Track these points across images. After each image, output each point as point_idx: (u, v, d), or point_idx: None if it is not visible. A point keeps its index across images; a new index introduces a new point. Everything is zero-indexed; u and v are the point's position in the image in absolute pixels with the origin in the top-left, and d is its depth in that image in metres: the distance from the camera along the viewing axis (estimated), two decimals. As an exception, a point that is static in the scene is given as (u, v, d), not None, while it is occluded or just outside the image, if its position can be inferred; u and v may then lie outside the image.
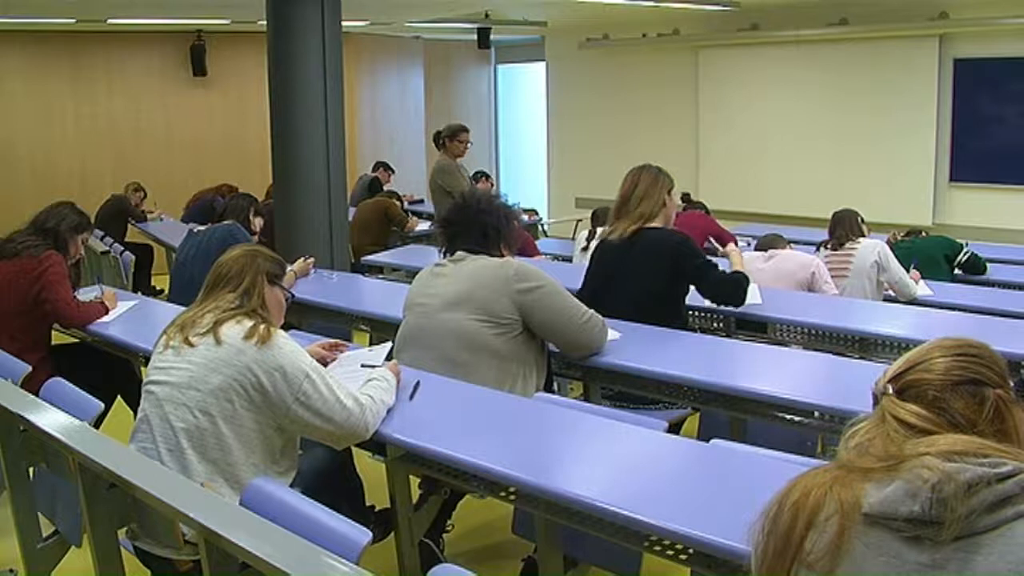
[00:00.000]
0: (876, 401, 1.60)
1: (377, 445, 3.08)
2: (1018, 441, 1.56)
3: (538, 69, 14.02)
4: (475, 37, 13.19)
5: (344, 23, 6.86)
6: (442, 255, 3.80)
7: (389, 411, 3.05)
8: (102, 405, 3.27)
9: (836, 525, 1.46)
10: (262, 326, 2.87)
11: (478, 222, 3.71)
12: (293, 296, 3.32)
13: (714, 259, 4.48)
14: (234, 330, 2.85)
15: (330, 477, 3.19)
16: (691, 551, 2.35)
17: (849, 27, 10.54)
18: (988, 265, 6.54)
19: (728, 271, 4.46)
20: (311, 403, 2.83)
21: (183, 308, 3.15)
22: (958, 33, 10.08)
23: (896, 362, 1.63)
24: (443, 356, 3.54)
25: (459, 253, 3.72)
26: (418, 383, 3.25)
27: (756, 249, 5.75)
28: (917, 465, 1.44)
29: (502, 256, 3.73)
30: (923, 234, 6.89)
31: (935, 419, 1.52)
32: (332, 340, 3.67)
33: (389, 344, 3.66)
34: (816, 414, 3.23)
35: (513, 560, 3.66)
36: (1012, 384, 1.61)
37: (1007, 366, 1.64)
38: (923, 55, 10.27)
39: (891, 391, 1.58)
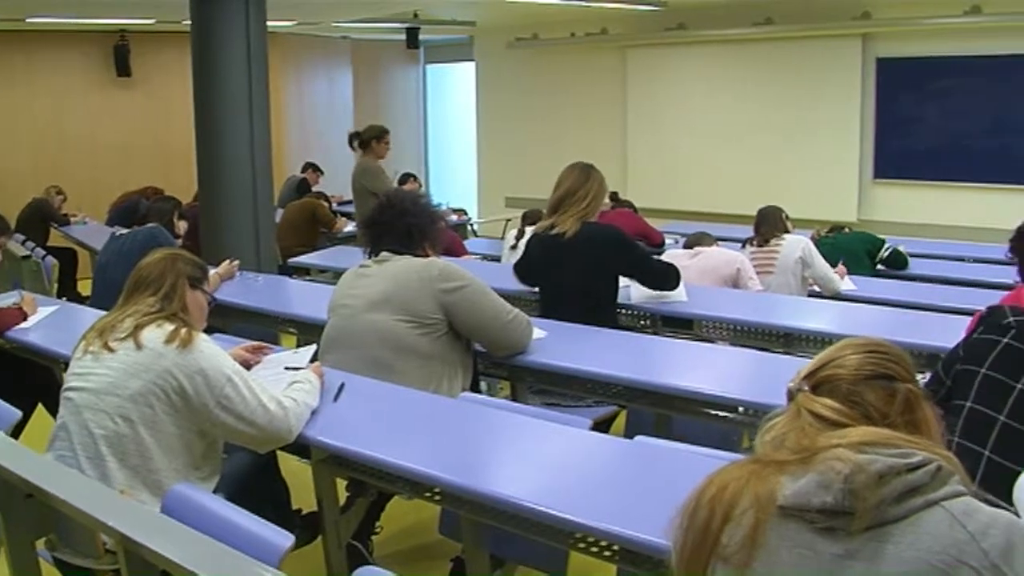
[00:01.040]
0: (791, 398, 1.62)
1: (301, 448, 3.05)
2: (928, 433, 1.59)
3: (467, 69, 14.00)
4: (404, 37, 13.14)
5: (270, 23, 6.79)
6: (366, 256, 3.78)
7: (313, 413, 3.03)
8: (20, 413, 3.20)
9: (752, 518, 1.48)
10: (183, 330, 2.83)
11: (402, 222, 3.70)
12: (215, 299, 3.28)
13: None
14: (155, 334, 2.81)
15: (254, 481, 3.16)
16: (616, 548, 2.35)
17: (774, 26, 10.66)
18: (910, 260, 6.66)
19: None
20: (233, 407, 2.79)
21: (105, 313, 3.09)
22: (881, 32, 10.25)
23: (811, 361, 1.66)
24: (368, 357, 3.52)
25: (383, 254, 3.70)
26: (343, 385, 3.22)
27: (684, 247, 5.80)
28: (830, 457, 1.46)
29: (426, 256, 3.72)
30: (846, 230, 7.00)
31: (849, 412, 1.55)
32: (256, 343, 3.63)
33: (314, 346, 3.63)
34: (740, 409, 3.26)
35: (442, 561, 3.65)
36: (920, 381, 1.66)
37: (926, 358, 1.68)
38: (847, 54, 10.43)
39: (806, 388, 1.60)
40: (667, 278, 4.53)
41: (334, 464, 3.08)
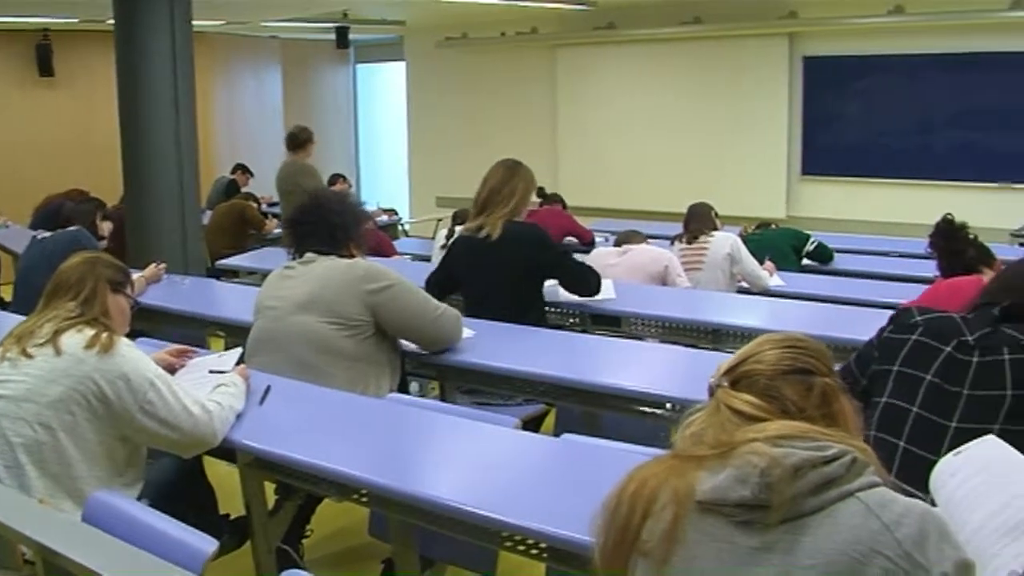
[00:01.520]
0: (712, 394, 1.64)
1: (227, 452, 3.02)
2: (846, 426, 1.62)
3: (398, 68, 13.96)
4: (334, 37, 13.07)
5: (197, 23, 6.71)
6: (291, 256, 3.75)
7: (239, 417, 2.99)
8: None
9: (671, 513, 1.49)
10: (104, 334, 2.78)
11: (326, 223, 3.67)
12: (138, 303, 3.23)
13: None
14: (75, 339, 2.75)
15: (179, 487, 3.12)
16: (544, 546, 2.35)
17: (703, 25, 10.77)
18: (835, 255, 6.76)
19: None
20: (156, 412, 2.75)
21: (24, 319, 3.03)
22: (807, 32, 10.41)
23: (730, 357, 1.68)
24: (294, 359, 3.49)
25: (308, 255, 3.67)
26: (268, 387, 3.19)
27: (614, 245, 5.83)
28: (747, 451, 1.48)
29: (352, 256, 3.69)
30: (773, 227, 7.09)
31: (766, 406, 1.57)
32: (180, 346, 3.58)
33: (239, 349, 3.58)
34: (668, 405, 3.28)
35: (374, 562, 3.63)
36: (837, 375, 1.68)
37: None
38: (774, 53, 10.57)
39: (725, 384, 1.62)
40: (587, 282, 4.50)
41: (261, 468, 3.06)
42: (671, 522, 1.48)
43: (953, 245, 4.00)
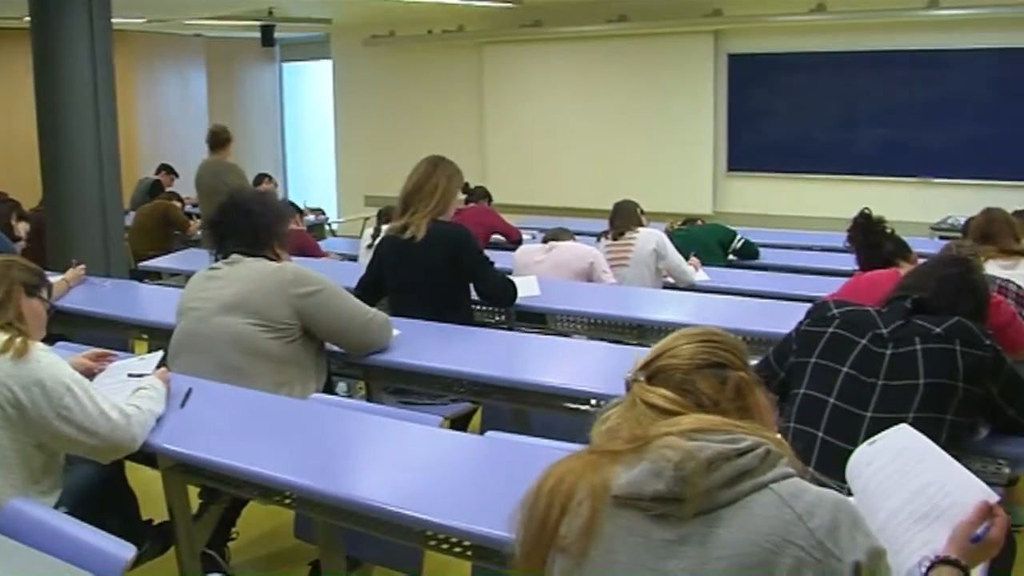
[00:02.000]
0: (628, 388, 1.65)
1: (148, 457, 2.98)
2: (760, 418, 1.63)
3: (324, 67, 13.86)
4: (259, 35, 12.92)
5: (117, 20, 6.61)
6: (214, 258, 3.69)
7: (159, 421, 2.95)
8: None
9: (588, 509, 1.49)
10: (18, 339, 2.73)
11: (247, 222, 3.61)
12: (54, 307, 3.17)
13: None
14: (-12, 345, 2.70)
15: (99, 493, 3.06)
16: (468, 544, 2.35)
17: (628, 23, 10.84)
18: (761, 250, 6.84)
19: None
20: (73, 417, 2.70)
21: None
22: (731, 29, 10.53)
23: (647, 352, 1.69)
24: (218, 361, 3.44)
25: (234, 256, 3.62)
26: (190, 390, 3.15)
27: (542, 242, 5.84)
28: (661, 445, 1.49)
29: (276, 257, 3.65)
30: (699, 222, 7.15)
31: (681, 400, 1.58)
32: (99, 350, 3.51)
33: (160, 352, 3.52)
34: (593, 401, 3.29)
35: (301, 564, 3.60)
36: (752, 369, 1.70)
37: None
38: (699, 50, 10.67)
39: (641, 378, 1.63)
40: (503, 293, 4.46)
41: (183, 472, 3.02)
42: (588, 517, 1.49)
43: (871, 239, 4.07)
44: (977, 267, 4.21)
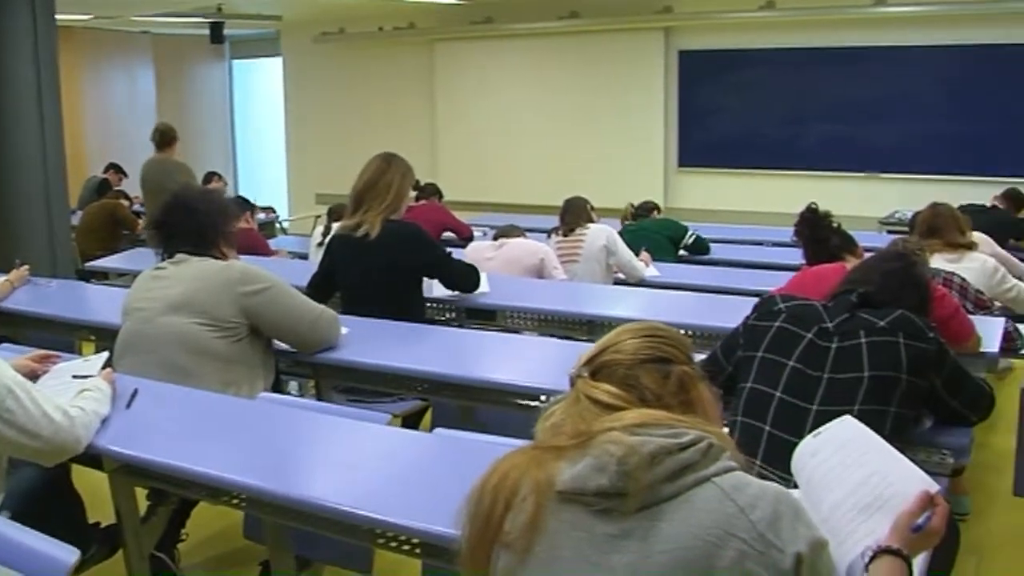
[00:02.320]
0: (573, 384, 1.65)
1: (94, 459, 2.94)
2: (704, 413, 1.64)
3: (275, 64, 13.77)
4: (208, 32, 12.81)
5: (62, 17, 6.53)
6: (160, 257, 3.65)
7: (104, 422, 2.91)
8: None
9: (532, 504, 1.50)
10: (-41, 341, 2.69)
11: (192, 221, 3.57)
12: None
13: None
14: (-73, 347, 2.66)
15: (43, 497, 3.01)
16: (417, 542, 2.35)
17: (579, 20, 10.89)
18: (711, 245, 6.89)
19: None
20: (15, 419, 2.65)
21: None
22: (682, 26, 10.60)
23: (591, 347, 1.70)
24: (165, 361, 3.40)
25: (179, 255, 3.58)
26: (136, 391, 3.11)
27: (493, 239, 5.84)
28: (604, 440, 1.50)
29: (223, 256, 3.61)
30: (655, 213, 7.19)
31: (625, 395, 1.58)
32: (43, 351, 3.47)
33: (106, 353, 3.47)
34: (543, 398, 3.29)
35: (251, 565, 3.57)
36: (696, 364, 1.71)
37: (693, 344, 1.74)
38: (650, 47, 10.73)
39: (585, 374, 1.64)
40: (467, 279, 4.53)
41: (130, 473, 2.98)
42: (532, 513, 1.49)
43: (817, 233, 4.11)
44: (921, 262, 4.28)
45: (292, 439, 2.92)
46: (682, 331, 4.10)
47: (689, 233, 6.77)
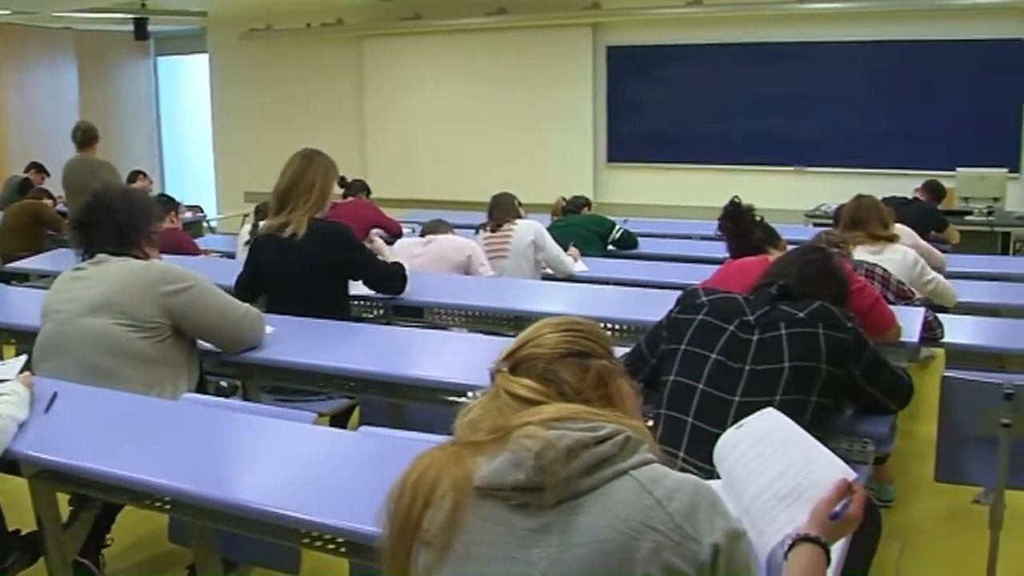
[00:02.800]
0: (493, 379, 1.65)
1: (11, 464, 2.88)
2: (623, 406, 1.65)
3: (201, 61, 13.60)
4: (132, 28, 12.61)
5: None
6: (80, 258, 3.58)
7: (22, 427, 2.85)
8: None
9: (450, 501, 1.49)
10: None
11: (112, 221, 3.50)
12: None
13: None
14: None
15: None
16: (342, 541, 2.34)
17: (508, 16, 10.90)
18: (640, 239, 6.93)
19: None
20: (-72, 426, 2.60)
21: None
22: (609, 22, 10.66)
23: (511, 342, 1.70)
24: (86, 364, 3.33)
25: (100, 255, 3.51)
26: (55, 394, 3.05)
27: (420, 235, 5.82)
28: (521, 435, 1.50)
29: (146, 257, 3.56)
30: (586, 210, 7.22)
31: (544, 390, 1.59)
32: (-42, 356, 3.40)
33: (24, 357, 3.41)
34: (470, 394, 3.28)
35: (178, 568, 3.54)
36: (615, 358, 1.71)
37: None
38: (578, 43, 10.79)
39: (505, 369, 1.64)
40: (391, 282, 4.48)
41: (50, 479, 2.92)
42: (450, 510, 1.49)
43: (740, 227, 4.15)
44: (839, 254, 4.36)
45: (216, 440, 2.88)
46: (609, 325, 4.18)
47: (616, 228, 6.81)
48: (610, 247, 6.77)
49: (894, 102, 9.77)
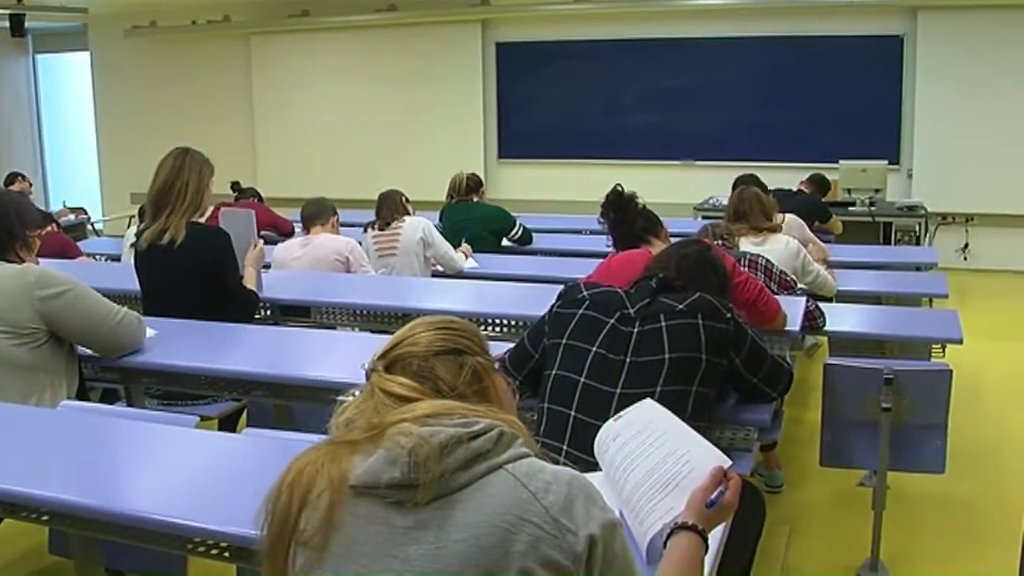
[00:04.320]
0: (369, 378, 1.65)
1: None
2: (498, 401, 1.67)
3: (83, 59, 13.27)
4: (7, 24, 12.24)
5: None
6: (-48, 265, 3.46)
7: None
8: None
9: (326, 501, 1.49)
10: None
11: None
12: None
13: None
14: None
15: None
16: (226, 546, 2.30)
17: (397, 13, 10.88)
18: (534, 235, 6.96)
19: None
20: None
21: None
22: (498, 18, 10.70)
23: (385, 342, 1.70)
24: (-42, 373, 3.24)
25: (-28, 261, 3.41)
26: (-75, 405, 2.96)
27: (300, 219, 5.74)
28: (396, 432, 1.50)
29: (21, 261, 3.46)
30: (481, 191, 7.21)
31: (420, 387, 1.59)
32: None
33: None
34: (357, 392, 3.27)
35: (66, 580, 3.46)
36: (490, 354, 1.73)
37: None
38: (467, 39, 10.81)
39: (380, 368, 1.64)
40: (242, 309, 4.25)
41: (-79, 493, 2.83)
42: (327, 509, 1.48)
43: (623, 215, 4.15)
44: (729, 245, 4.44)
45: (97, 448, 2.82)
46: (498, 321, 4.19)
47: (517, 226, 6.81)
48: (506, 243, 6.78)
49: (779, 97, 10.00)
